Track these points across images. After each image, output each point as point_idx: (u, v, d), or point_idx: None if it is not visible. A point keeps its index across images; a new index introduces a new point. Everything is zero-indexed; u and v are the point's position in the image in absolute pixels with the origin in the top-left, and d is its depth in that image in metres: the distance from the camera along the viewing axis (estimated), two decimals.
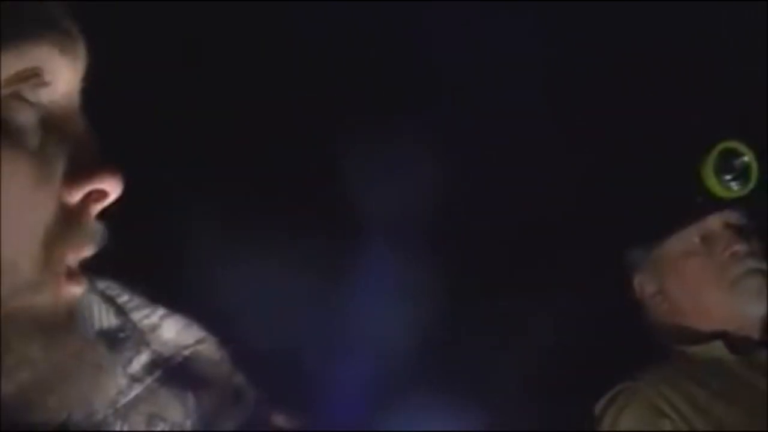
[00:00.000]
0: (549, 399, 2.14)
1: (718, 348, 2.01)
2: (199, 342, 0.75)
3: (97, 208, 0.67)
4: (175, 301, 0.79)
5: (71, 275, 0.65)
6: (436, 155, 2.16)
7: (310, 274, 2.02)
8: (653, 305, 2.12)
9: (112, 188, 0.67)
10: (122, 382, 0.69)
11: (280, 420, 0.77)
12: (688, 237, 2.07)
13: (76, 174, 0.64)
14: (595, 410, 1.98)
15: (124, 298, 0.74)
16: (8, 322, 0.59)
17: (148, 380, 0.71)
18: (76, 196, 0.65)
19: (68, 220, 0.64)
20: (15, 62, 0.61)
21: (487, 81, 2.19)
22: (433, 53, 2.18)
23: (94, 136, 0.67)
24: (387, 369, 2.08)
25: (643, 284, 2.14)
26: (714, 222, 2.07)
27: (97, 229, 0.67)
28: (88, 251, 0.66)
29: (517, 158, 2.25)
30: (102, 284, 0.73)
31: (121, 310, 0.73)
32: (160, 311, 0.75)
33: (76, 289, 0.65)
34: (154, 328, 0.73)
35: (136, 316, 0.73)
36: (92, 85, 0.68)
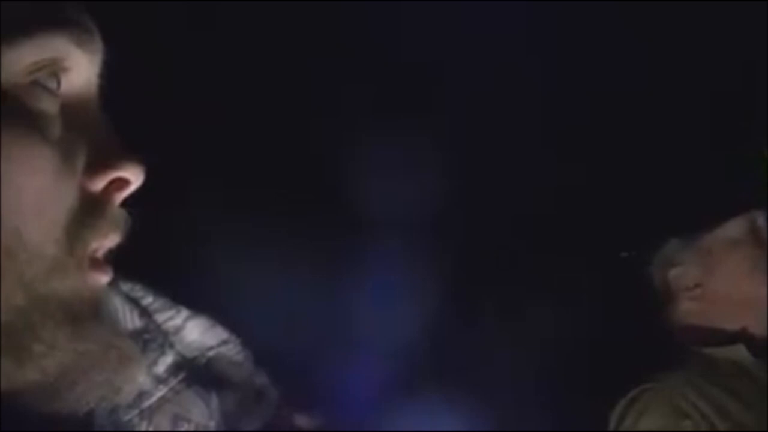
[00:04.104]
0: (555, 398, 2.14)
1: (739, 351, 2.02)
2: (222, 343, 0.75)
3: (120, 196, 0.68)
4: (181, 303, 0.80)
5: (96, 264, 0.65)
6: (440, 153, 2.16)
7: (314, 275, 2.03)
8: (686, 300, 2.10)
9: (134, 176, 0.67)
10: (147, 383, 0.69)
11: (302, 420, 0.77)
12: (735, 228, 2.07)
13: (97, 163, 0.65)
14: (615, 411, 1.98)
15: (148, 300, 0.74)
16: (36, 309, 0.60)
17: (173, 381, 0.71)
18: (98, 185, 0.66)
19: (91, 207, 0.65)
20: (34, 52, 0.62)
21: (492, 80, 2.20)
22: (436, 54, 2.19)
23: (113, 127, 0.68)
24: (393, 369, 2.08)
25: (680, 277, 2.11)
26: (760, 214, 2.07)
27: (120, 217, 0.67)
28: (112, 239, 0.67)
29: (528, 150, 2.25)
30: (126, 286, 0.74)
31: (145, 312, 0.73)
32: (184, 313, 0.75)
33: (102, 278, 0.66)
34: (178, 329, 0.73)
35: (160, 318, 0.73)
36: (107, 81, 0.69)
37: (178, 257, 1.86)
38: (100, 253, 0.66)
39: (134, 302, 0.73)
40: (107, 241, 0.67)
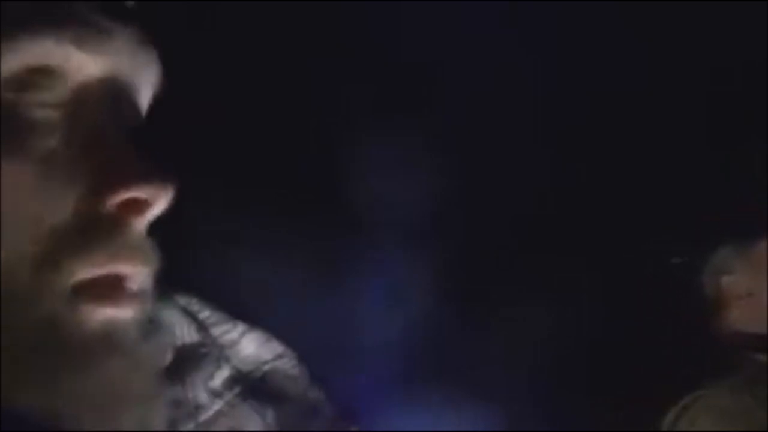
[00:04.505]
0: (556, 399, 2.15)
1: None
2: (277, 357, 0.75)
3: (140, 220, 0.59)
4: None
5: (101, 295, 0.57)
6: (440, 153, 2.16)
7: (314, 275, 2.02)
8: (738, 308, 2.11)
9: (155, 198, 0.59)
10: (203, 397, 0.69)
11: None
12: None
13: (105, 180, 0.57)
14: (666, 418, 1.98)
15: (204, 314, 0.73)
16: (18, 336, 0.54)
17: (229, 396, 0.70)
18: (106, 205, 0.57)
19: (91, 230, 0.57)
20: (20, 59, 0.56)
21: (491, 80, 2.20)
22: (436, 54, 2.19)
23: (138, 140, 0.60)
24: (393, 369, 2.08)
25: (732, 285, 2.12)
26: None
27: (142, 244, 0.60)
28: (130, 268, 0.59)
29: (528, 150, 2.25)
30: (183, 300, 0.73)
31: (201, 326, 0.72)
32: (240, 327, 0.75)
33: (107, 311, 0.57)
34: (234, 343, 0.73)
35: (216, 331, 0.73)
36: None
37: (177, 258, 1.84)
38: (124, 283, 0.59)
39: (191, 316, 0.73)
40: (123, 268, 0.59)
